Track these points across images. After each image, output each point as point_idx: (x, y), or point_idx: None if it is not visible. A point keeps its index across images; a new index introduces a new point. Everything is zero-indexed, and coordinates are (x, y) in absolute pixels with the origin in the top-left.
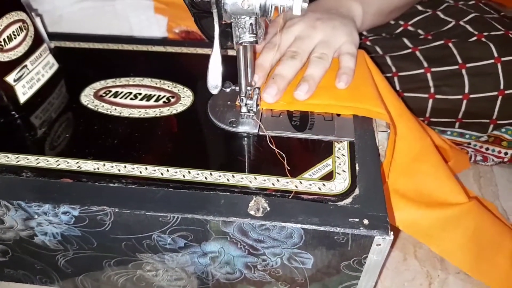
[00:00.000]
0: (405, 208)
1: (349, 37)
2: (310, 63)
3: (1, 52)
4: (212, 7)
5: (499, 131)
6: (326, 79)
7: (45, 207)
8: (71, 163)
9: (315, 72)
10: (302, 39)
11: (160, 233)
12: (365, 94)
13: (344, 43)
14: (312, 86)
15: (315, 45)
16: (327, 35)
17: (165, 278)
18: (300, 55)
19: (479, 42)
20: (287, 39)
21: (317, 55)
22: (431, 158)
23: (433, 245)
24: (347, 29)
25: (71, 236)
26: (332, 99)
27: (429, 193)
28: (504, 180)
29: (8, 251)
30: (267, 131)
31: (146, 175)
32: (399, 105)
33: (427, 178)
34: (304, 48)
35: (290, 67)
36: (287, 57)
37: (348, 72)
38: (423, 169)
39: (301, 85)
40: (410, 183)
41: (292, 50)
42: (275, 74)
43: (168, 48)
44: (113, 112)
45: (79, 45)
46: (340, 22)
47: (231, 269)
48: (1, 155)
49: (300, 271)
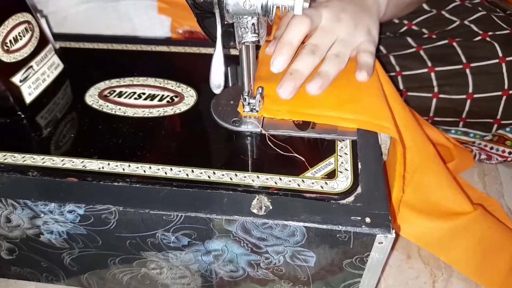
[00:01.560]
0: (416, 221)
1: (369, 36)
2: (326, 59)
3: (7, 53)
4: (214, 7)
5: (503, 130)
6: (335, 80)
7: (51, 205)
8: (76, 163)
9: (330, 70)
10: (325, 31)
11: (164, 232)
12: (370, 105)
13: (363, 42)
14: (326, 83)
15: (335, 41)
16: (348, 32)
17: (169, 276)
18: (320, 50)
19: (484, 42)
20: (314, 15)
21: (335, 52)
22: (433, 168)
23: (442, 255)
24: (368, 26)
25: (77, 235)
26: (335, 110)
27: (435, 202)
28: (509, 178)
29: (15, 249)
30: (269, 130)
31: (150, 174)
32: (405, 114)
33: (431, 188)
34: (326, 42)
35: (309, 63)
36: (307, 51)
37: (365, 68)
38: (425, 179)
39: (315, 79)
40: (417, 194)
41: (314, 43)
42: (293, 69)
43: (172, 48)
44: (117, 112)
45: (84, 45)
46: (363, 17)
47: (234, 267)
48: (8, 155)
49: (303, 269)
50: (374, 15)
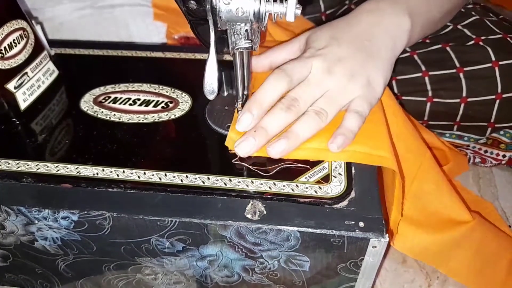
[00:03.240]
0: (415, 236)
1: (366, 90)
2: (304, 116)
3: (2, 60)
4: (207, 14)
5: (497, 133)
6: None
7: (45, 212)
8: (70, 169)
9: (302, 130)
10: (309, 84)
11: (158, 237)
12: (366, 133)
13: (356, 98)
14: (292, 146)
15: (320, 96)
16: (339, 86)
17: (164, 282)
18: (298, 106)
19: (477, 46)
20: (299, 68)
21: (316, 109)
22: (432, 174)
23: (441, 267)
24: (369, 77)
25: (71, 241)
26: (323, 141)
27: (435, 211)
28: (503, 181)
29: (9, 256)
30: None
31: (144, 180)
32: (403, 123)
33: (430, 196)
34: (307, 98)
35: (281, 121)
36: (281, 106)
37: (346, 133)
38: (425, 187)
39: (280, 141)
40: (416, 204)
41: (292, 97)
42: (260, 125)
43: (167, 54)
44: (112, 118)
45: (79, 51)
46: (366, 66)
47: (229, 272)
48: (2, 161)
49: (297, 274)
50: (384, 59)
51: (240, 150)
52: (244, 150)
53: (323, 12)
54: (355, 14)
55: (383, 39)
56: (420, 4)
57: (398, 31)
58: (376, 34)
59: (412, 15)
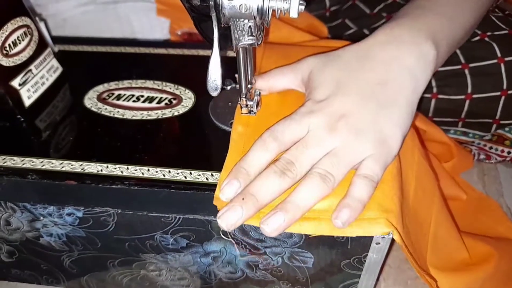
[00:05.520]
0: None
1: (377, 149)
2: (306, 178)
3: (6, 57)
4: (210, 11)
5: (502, 130)
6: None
7: (50, 208)
8: (75, 165)
9: (304, 199)
10: (307, 144)
11: (162, 234)
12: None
13: (366, 159)
14: (291, 220)
15: (324, 155)
16: (345, 144)
17: (169, 278)
18: (295, 171)
19: (482, 42)
20: (293, 128)
21: (320, 172)
22: (445, 217)
23: None
24: (382, 131)
25: (76, 237)
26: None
27: (448, 253)
28: (508, 178)
29: (15, 252)
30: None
31: (148, 177)
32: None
33: (443, 240)
34: (304, 161)
35: (274, 188)
36: (275, 170)
37: (353, 205)
38: (439, 231)
39: (277, 215)
40: (435, 250)
41: (287, 160)
42: (248, 192)
43: (170, 50)
44: (116, 115)
45: (83, 48)
46: (378, 119)
47: (233, 268)
48: (7, 158)
49: (301, 270)
50: (402, 105)
51: (223, 222)
52: (228, 221)
53: (328, 8)
54: (367, 47)
55: (400, 80)
56: (444, 25)
57: (420, 64)
58: (392, 74)
59: (436, 41)
